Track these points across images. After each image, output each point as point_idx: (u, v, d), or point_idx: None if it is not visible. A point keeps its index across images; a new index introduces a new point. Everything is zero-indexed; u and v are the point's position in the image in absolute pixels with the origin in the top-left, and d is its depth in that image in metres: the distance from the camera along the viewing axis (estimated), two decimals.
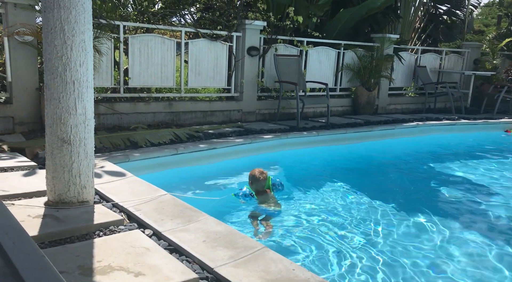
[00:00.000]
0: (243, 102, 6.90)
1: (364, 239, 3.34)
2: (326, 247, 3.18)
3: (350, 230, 3.50)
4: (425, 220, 3.78)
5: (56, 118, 2.73)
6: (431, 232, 3.56)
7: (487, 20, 22.57)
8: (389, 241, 3.33)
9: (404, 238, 3.40)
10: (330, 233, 3.42)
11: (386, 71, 8.37)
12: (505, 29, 12.63)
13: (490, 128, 8.14)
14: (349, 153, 6.22)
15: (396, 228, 3.59)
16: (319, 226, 3.55)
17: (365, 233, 3.45)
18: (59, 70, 2.68)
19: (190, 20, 7.39)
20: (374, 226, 3.60)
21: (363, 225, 3.60)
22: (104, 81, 5.70)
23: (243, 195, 3.76)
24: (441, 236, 3.50)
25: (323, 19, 8.10)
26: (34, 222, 2.56)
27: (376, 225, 3.63)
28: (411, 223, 3.71)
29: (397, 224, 3.69)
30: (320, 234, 3.37)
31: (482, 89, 10.00)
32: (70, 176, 2.79)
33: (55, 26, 2.63)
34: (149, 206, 2.92)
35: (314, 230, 3.46)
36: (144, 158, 4.39)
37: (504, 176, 5.47)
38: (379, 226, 3.60)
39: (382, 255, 3.08)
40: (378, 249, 3.18)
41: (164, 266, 2.13)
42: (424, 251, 3.19)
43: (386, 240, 3.34)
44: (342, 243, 3.25)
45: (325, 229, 3.50)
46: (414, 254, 3.14)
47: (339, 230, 3.48)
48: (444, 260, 3.08)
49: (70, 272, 2.01)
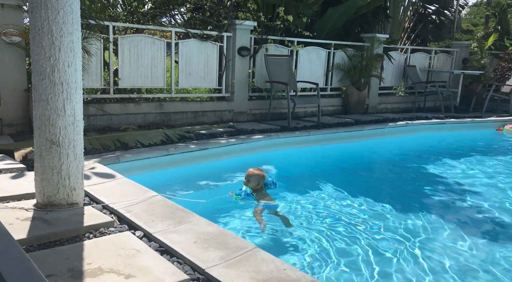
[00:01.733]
0: (234, 103, 6.90)
1: (355, 238, 3.36)
2: (317, 246, 3.19)
3: (341, 230, 3.51)
4: (415, 218, 3.81)
5: (45, 119, 2.71)
6: (421, 229, 3.59)
7: (476, 19, 22.82)
8: (381, 240, 3.34)
9: (395, 236, 3.42)
10: (321, 233, 3.43)
11: (376, 70, 8.42)
12: (493, 29, 12.77)
13: (479, 127, 8.22)
14: (340, 153, 6.24)
15: (388, 227, 3.61)
16: (311, 225, 3.56)
17: (356, 233, 3.46)
18: (47, 71, 2.65)
19: (180, 20, 7.36)
20: (365, 225, 3.61)
21: (354, 224, 3.62)
22: (93, 82, 5.66)
23: (245, 194, 3.85)
24: (430, 233, 3.53)
25: (313, 18, 8.12)
26: (23, 224, 2.53)
27: (367, 224, 3.65)
28: (403, 221, 3.74)
29: (388, 222, 3.71)
30: (311, 234, 3.38)
31: (471, 88, 10.11)
32: (59, 178, 2.77)
33: (42, 27, 2.61)
34: (139, 207, 2.91)
35: (305, 229, 3.47)
36: (134, 159, 4.36)
37: (494, 174, 5.54)
38: (370, 225, 3.62)
39: (374, 255, 3.09)
40: (371, 248, 3.19)
41: (155, 267, 2.12)
42: (416, 249, 3.22)
43: (378, 239, 3.35)
44: (333, 242, 3.26)
45: (316, 228, 3.51)
46: (405, 252, 3.16)
47: (330, 230, 3.49)
48: (433, 257, 3.11)
49: (60, 275, 1.99)
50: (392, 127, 7.29)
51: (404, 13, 10.74)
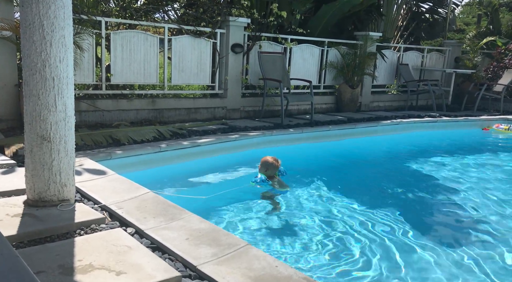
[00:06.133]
0: (227, 100, 6.88)
1: (346, 235, 3.37)
2: (309, 243, 3.19)
3: (332, 226, 3.52)
4: (407, 215, 3.83)
5: (36, 115, 2.68)
6: (413, 228, 3.61)
7: (468, 19, 22.97)
8: (373, 237, 3.36)
9: (388, 233, 3.44)
10: (313, 230, 3.44)
11: (369, 69, 8.45)
12: (485, 28, 12.86)
13: (471, 125, 8.29)
14: (332, 150, 6.26)
15: (379, 224, 3.63)
16: (303, 223, 3.57)
17: (347, 229, 3.48)
18: (38, 66, 2.62)
19: (174, 16, 7.32)
20: (357, 222, 3.63)
21: (346, 221, 3.63)
22: (85, 78, 5.61)
23: (260, 181, 4.13)
24: (420, 229, 3.55)
25: (307, 16, 8.12)
26: (13, 221, 2.51)
27: (359, 221, 3.66)
28: (395, 218, 3.76)
29: (380, 219, 3.73)
30: (303, 231, 3.39)
31: (463, 87, 10.18)
32: (50, 174, 2.75)
33: (33, 21, 2.58)
34: (131, 204, 2.89)
35: (297, 226, 3.47)
36: (126, 156, 4.33)
37: (485, 172, 5.59)
38: (362, 222, 3.64)
39: (367, 251, 3.11)
40: (363, 244, 3.21)
41: (147, 264, 2.11)
42: (408, 248, 3.24)
43: (370, 236, 3.37)
44: (326, 239, 3.27)
45: (308, 225, 3.52)
46: (400, 252, 3.17)
47: (322, 227, 3.50)
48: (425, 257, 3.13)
49: (50, 272, 1.98)
50: (385, 125, 7.32)
51: (397, 11, 10.78)
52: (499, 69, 10.14)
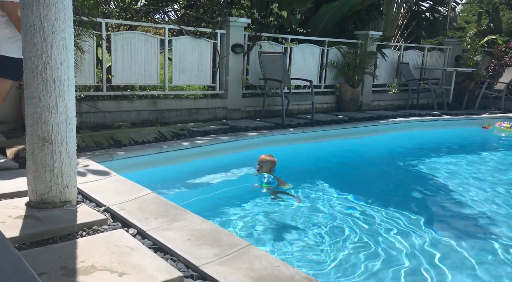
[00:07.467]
0: (228, 100, 6.89)
1: (348, 234, 3.37)
2: (311, 243, 3.20)
3: (333, 226, 3.53)
4: (408, 214, 3.83)
5: (37, 117, 2.69)
6: (414, 227, 3.61)
7: (468, 17, 22.94)
8: (374, 236, 3.36)
9: (389, 232, 3.44)
10: (314, 229, 3.44)
11: (369, 68, 8.44)
12: (485, 26, 12.84)
13: (472, 124, 8.28)
14: (333, 150, 6.25)
15: (381, 223, 3.63)
16: (304, 222, 3.57)
17: (348, 229, 3.48)
18: (39, 68, 2.63)
19: (174, 17, 7.33)
20: (358, 221, 3.63)
21: (347, 221, 3.64)
22: (86, 79, 5.62)
23: (271, 180, 4.17)
24: (423, 231, 3.55)
25: (307, 15, 8.12)
26: (15, 222, 2.51)
27: (360, 220, 3.66)
28: (396, 216, 3.76)
29: (381, 218, 3.73)
30: (304, 230, 3.39)
31: (464, 86, 10.17)
32: (52, 175, 2.75)
33: (34, 23, 2.59)
34: (133, 205, 2.90)
35: (298, 226, 3.48)
36: (128, 157, 4.34)
37: (485, 170, 5.58)
38: (363, 221, 3.64)
39: (368, 251, 3.11)
40: (364, 244, 3.21)
41: (149, 265, 2.12)
42: (411, 249, 3.24)
43: (371, 235, 3.37)
44: (327, 239, 3.27)
45: (309, 225, 3.52)
46: (403, 250, 3.18)
47: (323, 226, 3.51)
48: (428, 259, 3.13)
49: (52, 273, 1.99)
50: (386, 124, 7.32)
51: (397, 10, 10.77)
52: (500, 67, 10.13)
